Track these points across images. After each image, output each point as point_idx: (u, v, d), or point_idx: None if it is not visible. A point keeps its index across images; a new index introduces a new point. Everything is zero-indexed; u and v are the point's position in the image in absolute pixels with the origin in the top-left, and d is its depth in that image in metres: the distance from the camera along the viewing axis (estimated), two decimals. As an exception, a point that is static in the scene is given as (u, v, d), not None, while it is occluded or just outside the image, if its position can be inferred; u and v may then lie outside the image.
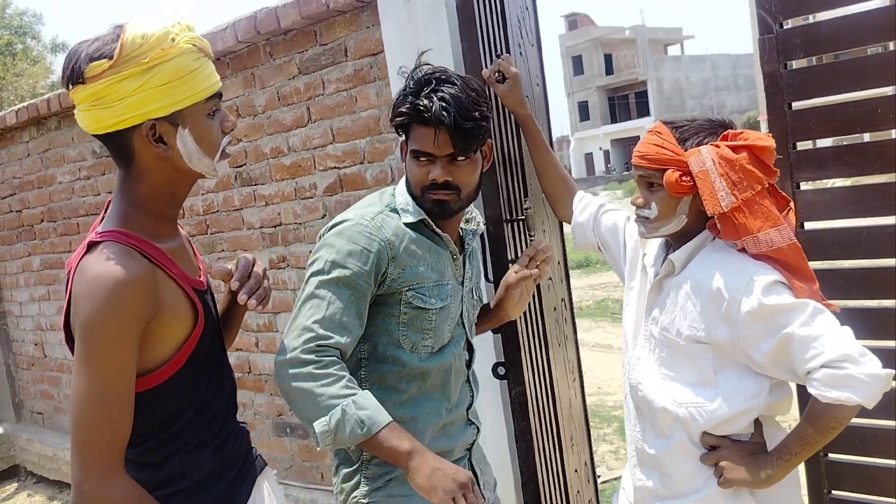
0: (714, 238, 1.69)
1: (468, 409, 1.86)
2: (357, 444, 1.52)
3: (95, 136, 1.33)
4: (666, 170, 1.62)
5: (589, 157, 50.82)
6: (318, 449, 1.57)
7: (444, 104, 1.58)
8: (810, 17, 2.09)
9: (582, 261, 14.17)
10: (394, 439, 1.51)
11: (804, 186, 2.09)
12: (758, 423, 1.66)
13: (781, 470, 1.58)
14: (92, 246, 1.29)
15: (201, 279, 1.47)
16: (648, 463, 1.78)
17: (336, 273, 1.59)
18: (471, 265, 1.86)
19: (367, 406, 1.51)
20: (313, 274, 1.63)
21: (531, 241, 2.22)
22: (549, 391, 2.47)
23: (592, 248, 2.12)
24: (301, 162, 3.31)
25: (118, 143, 1.32)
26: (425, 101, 1.59)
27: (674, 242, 1.74)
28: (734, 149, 1.59)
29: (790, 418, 1.65)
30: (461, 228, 1.85)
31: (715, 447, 1.66)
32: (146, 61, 1.25)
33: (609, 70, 50.08)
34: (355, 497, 1.74)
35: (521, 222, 2.28)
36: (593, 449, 3.10)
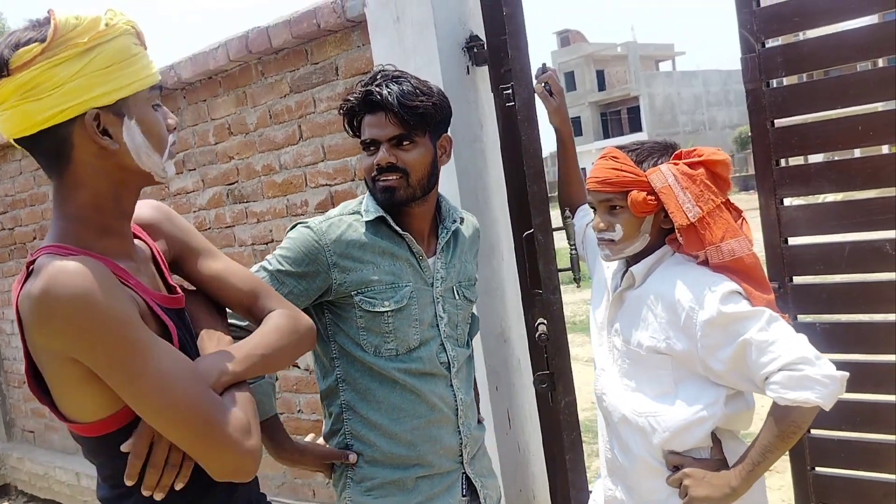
0: (674, 253, 1.72)
1: (456, 415, 1.81)
2: None
3: (21, 141, 1.14)
4: (628, 191, 1.66)
5: (582, 173, 50.93)
6: None
7: (388, 89, 1.66)
8: (800, 34, 2.12)
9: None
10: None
11: (787, 202, 2.12)
12: (716, 440, 1.67)
13: (745, 482, 1.58)
14: (29, 267, 1.12)
15: (174, 296, 1.31)
16: (617, 473, 1.80)
17: (273, 267, 1.70)
18: (450, 264, 1.84)
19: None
20: (266, 259, 1.73)
21: (571, 250, 2.23)
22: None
23: (582, 258, 2.19)
24: (292, 179, 3.33)
25: (53, 143, 1.13)
26: (374, 88, 1.68)
27: (632, 257, 1.77)
28: (691, 165, 1.66)
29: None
30: (440, 228, 1.84)
31: (678, 468, 1.66)
32: (84, 41, 1.10)
33: (601, 86, 50.39)
34: (344, 498, 1.78)
35: (560, 230, 2.31)
36: (587, 464, 3.11)
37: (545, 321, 2.32)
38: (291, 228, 1.75)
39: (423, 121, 1.69)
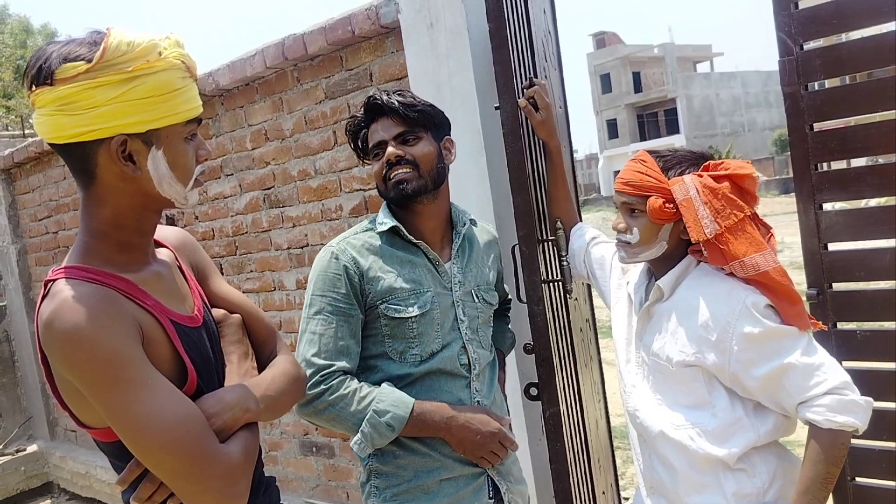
0: (699, 263, 1.70)
1: None
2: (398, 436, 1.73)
3: (52, 146, 1.18)
4: (649, 197, 1.65)
5: (614, 175, 50.58)
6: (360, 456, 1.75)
7: (388, 96, 1.79)
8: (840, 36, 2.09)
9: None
10: (420, 426, 1.72)
11: (827, 207, 2.08)
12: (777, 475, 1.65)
13: None
14: (47, 286, 1.16)
15: (193, 314, 1.32)
16: (658, 489, 1.78)
17: (319, 304, 1.74)
18: (466, 269, 1.89)
19: (386, 410, 1.69)
20: (305, 309, 1.77)
21: (562, 261, 2.23)
22: (579, 412, 2.47)
23: (583, 278, 2.17)
24: (327, 184, 3.36)
25: (79, 157, 1.18)
26: (375, 95, 1.80)
27: (656, 269, 1.76)
28: (716, 178, 1.63)
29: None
30: (453, 234, 1.90)
31: None
32: (129, 70, 1.13)
33: (638, 88, 49.91)
34: None
35: (551, 242, 2.30)
36: (619, 471, 3.09)
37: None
38: (317, 260, 1.80)
39: (424, 118, 1.79)
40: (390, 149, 1.77)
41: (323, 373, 1.69)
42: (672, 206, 1.63)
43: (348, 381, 1.71)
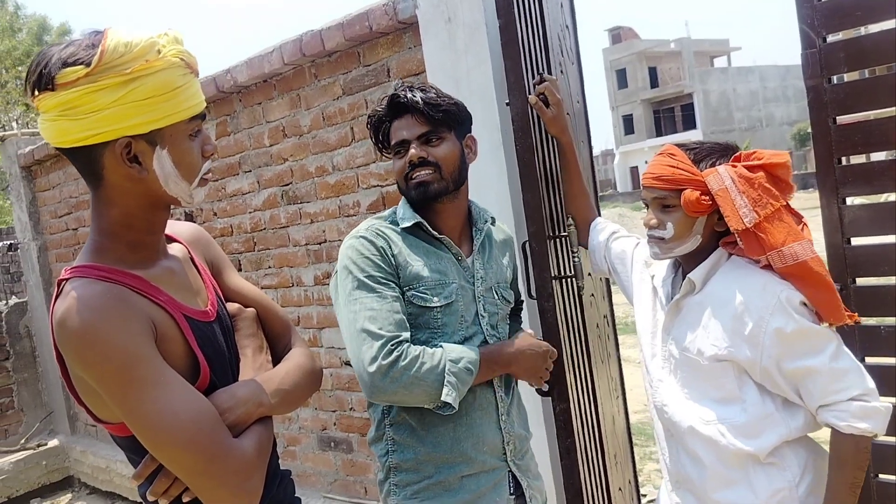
0: (730, 255, 1.68)
1: (497, 411, 1.84)
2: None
3: (59, 149, 1.18)
4: (682, 190, 1.63)
5: (634, 171, 50.34)
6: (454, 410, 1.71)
7: (412, 93, 1.77)
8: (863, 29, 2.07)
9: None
10: (491, 365, 1.78)
11: (849, 201, 2.06)
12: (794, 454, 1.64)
13: None
14: (61, 285, 1.17)
15: (206, 309, 1.33)
16: (684, 485, 1.76)
17: (368, 283, 1.71)
18: (487, 265, 1.89)
19: (459, 357, 1.71)
20: (348, 294, 1.73)
21: (574, 257, 2.22)
22: (593, 409, 2.46)
23: (604, 273, 2.15)
24: (345, 180, 3.37)
25: (86, 160, 1.18)
26: (399, 93, 1.78)
27: (686, 263, 1.74)
28: (750, 168, 1.61)
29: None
30: (473, 230, 1.89)
31: None
32: (128, 72, 1.12)
33: (654, 83, 49.62)
34: None
35: (563, 239, 2.29)
36: (639, 467, 3.07)
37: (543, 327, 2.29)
38: (347, 248, 1.78)
39: (448, 118, 1.77)
40: (413, 150, 1.76)
41: (393, 342, 1.65)
42: (708, 197, 1.61)
43: (413, 346, 1.68)
